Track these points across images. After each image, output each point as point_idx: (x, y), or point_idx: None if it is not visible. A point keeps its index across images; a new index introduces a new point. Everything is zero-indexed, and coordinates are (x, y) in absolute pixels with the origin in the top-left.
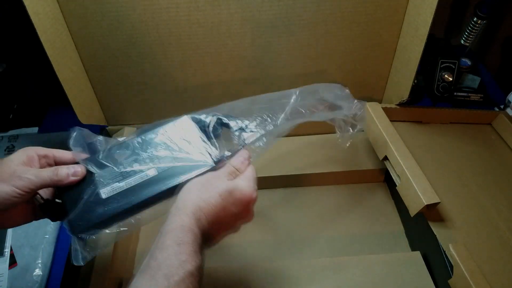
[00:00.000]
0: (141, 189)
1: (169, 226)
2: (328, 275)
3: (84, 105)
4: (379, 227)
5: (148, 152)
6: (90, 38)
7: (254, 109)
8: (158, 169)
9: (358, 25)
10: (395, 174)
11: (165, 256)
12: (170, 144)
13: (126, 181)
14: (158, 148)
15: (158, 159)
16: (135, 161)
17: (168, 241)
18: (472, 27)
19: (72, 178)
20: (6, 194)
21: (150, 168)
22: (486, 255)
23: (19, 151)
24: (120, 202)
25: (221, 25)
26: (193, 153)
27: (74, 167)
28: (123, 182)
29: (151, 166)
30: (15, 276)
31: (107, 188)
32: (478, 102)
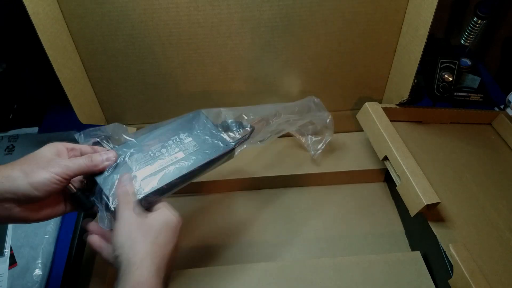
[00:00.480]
0: (173, 168)
1: (127, 285)
2: (328, 275)
3: (84, 105)
4: (379, 227)
5: (172, 140)
6: (90, 38)
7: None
8: (185, 151)
9: (358, 25)
10: (395, 174)
11: None
12: (191, 131)
13: (158, 163)
14: (181, 135)
15: (183, 144)
16: (162, 147)
17: None
18: (472, 27)
19: (106, 163)
20: (47, 180)
21: (178, 152)
22: (486, 255)
23: (48, 145)
24: (154, 181)
25: (221, 25)
26: (213, 138)
27: (106, 153)
28: (155, 164)
29: (177, 150)
30: (15, 276)
31: (140, 170)
32: (478, 102)
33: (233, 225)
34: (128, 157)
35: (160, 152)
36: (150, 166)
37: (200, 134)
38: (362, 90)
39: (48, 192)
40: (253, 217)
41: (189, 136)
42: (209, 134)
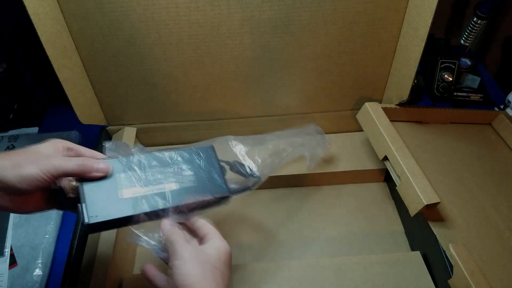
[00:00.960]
0: (159, 199)
1: None
2: (328, 275)
3: (84, 105)
4: (379, 227)
5: (173, 168)
6: (90, 38)
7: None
8: (178, 184)
9: (358, 25)
10: (395, 174)
11: None
12: (194, 165)
13: (146, 188)
14: (183, 166)
15: (181, 176)
16: (159, 173)
17: None
18: (472, 27)
19: (96, 174)
20: (31, 176)
21: (172, 182)
22: (486, 255)
23: (47, 141)
24: (135, 207)
25: (221, 25)
26: (213, 181)
27: (100, 162)
28: (144, 188)
29: (173, 180)
30: (15, 276)
31: (126, 189)
32: (478, 102)
33: (232, 226)
34: (122, 172)
35: (155, 177)
36: (138, 188)
37: (203, 171)
38: (362, 90)
39: (32, 187)
40: (252, 217)
41: (191, 170)
42: (211, 174)
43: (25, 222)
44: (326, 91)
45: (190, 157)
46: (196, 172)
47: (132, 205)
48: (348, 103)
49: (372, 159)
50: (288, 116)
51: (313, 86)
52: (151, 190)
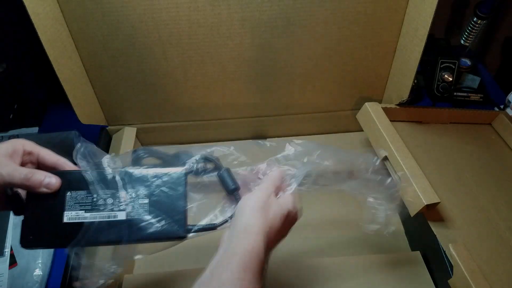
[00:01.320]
0: (102, 229)
1: (237, 249)
2: (328, 275)
3: (84, 105)
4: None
5: (128, 192)
6: (90, 38)
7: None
8: (128, 214)
9: (358, 25)
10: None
11: (228, 278)
12: (154, 192)
13: (92, 214)
14: (139, 192)
15: (134, 204)
16: (111, 197)
17: (233, 263)
18: (472, 27)
19: (43, 190)
20: None
21: (122, 211)
22: (486, 255)
23: (8, 142)
24: (76, 234)
25: (221, 25)
26: (172, 212)
27: (50, 177)
28: (89, 214)
29: (123, 207)
30: (15, 276)
31: (72, 212)
32: (478, 102)
33: None
34: (73, 189)
35: (104, 201)
36: (82, 212)
37: (162, 200)
38: (362, 90)
39: None
40: None
41: (147, 198)
42: (171, 206)
43: None
44: (326, 91)
45: (157, 179)
46: (153, 202)
47: (70, 234)
48: (348, 103)
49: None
50: (288, 116)
51: (313, 86)
52: (96, 216)
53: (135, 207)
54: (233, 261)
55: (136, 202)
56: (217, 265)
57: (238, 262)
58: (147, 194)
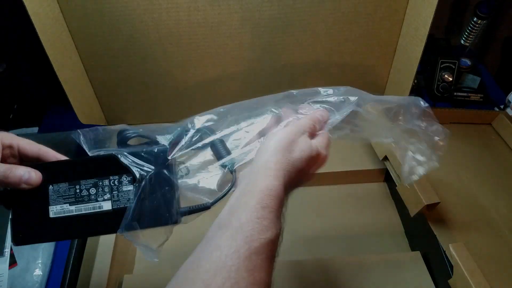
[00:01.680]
0: (89, 221)
1: (256, 187)
2: (329, 275)
3: (84, 105)
4: (379, 227)
5: (111, 179)
6: (90, 38)
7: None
8: (114, 203)
9: (358, 25)
10: (395, 174)
11: (248, 218)
12: (139, 177)
13: (77, 206)
14: (123, 178)
15: (118, 192)
16: (94, 186)
17: (252, 202)
18: (472, 27)
19: (24, 186)
20: None
21: (106, 200)
22: (486, 255)
23: None
24: (63, 228)
25: (221, 25)
26: (159, 200)
27: (30, 172)
28: (74, 206)
29: (108, 196)
30: (15, 276)
31: (57, 207)
32: (478, 102)
33: None
34: (54, 183)
35: (88, 192)
36: (67, 205)
37: (148, 184)
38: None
39: None
40: None
41: (130, 184)
42: (159, 190)
43: None
44: None
45: (138, 162)
46: (139, 187)
47: (59, 229)
48: None
49: (372, 159)
50: None
51: (313, 86)
52: (81, 209)
53: (120, 195)
54: (253, 200)
55: (121, 189)
56: (235, 203)
57: (257, 201)
58: (130, 180)
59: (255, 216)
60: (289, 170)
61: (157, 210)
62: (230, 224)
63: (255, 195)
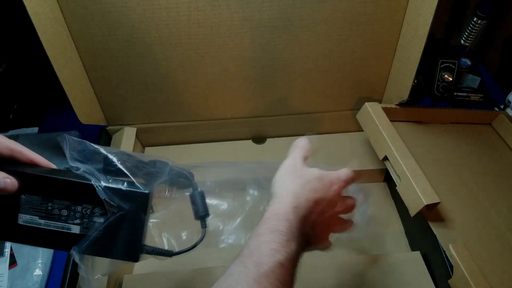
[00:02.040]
0: (56, 236)
1: (265, 215)
2: (328, 275)
3: (84, 105)
4: (379, 227)
5: (84, 208)
6: (90, 38)
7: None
8: (81, 230)
9: (358, 25)
10: (395, 174)
11: (256, 244)
12: (111, 212)
13: (47, 222)
14: (96, 210)
15: (87, 220)
16: (66, 208)
17: (261, 229)
18: (472, 27)
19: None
20: None
21: (75, 225)
22: (486, 255)
23: None
24: (30, 235)
25: (221, 25)
26: (126, 238)
27: (6, 180)
28: (43, 221)
29: (78, 221)
30: (15, 276)
31: (27, 216)
32: (478, 102)
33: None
34: (29, 193)
35: (59, 212)
36: (37, 218)
37: (119, 221)
38: (362, 90)
39: None
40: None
41: (102, 217)
42: (128, 228)
43: None
44: (326, 91)
45: (114, 198)
46: (109, 222)
47: (25, 235)
48: (348, 103)
49: (372, 159)
50: (288, 116)
51: (313, 86)
52: (50, 225)
53: (90, 224)
54: (261, 227)
55: (91, 219)
56: (250, 236)
57: (265, 226)
58: (102, 214)
59: (263, 241)
60: (297, 191)
61: (119, 244)
62: (242, 253)
63: (263, 222)
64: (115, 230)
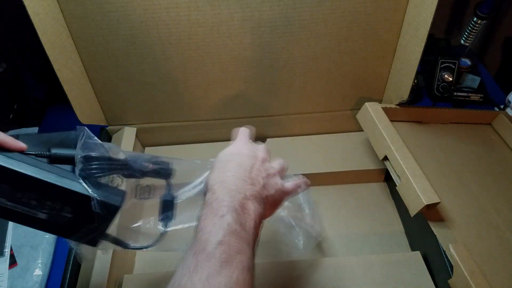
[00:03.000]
0: (23, 216)
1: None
2: (328, 275)
3: (84, 105)
4: (379, 227)
5: (54, 203)
6: (90, 38)
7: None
8: (48, 217)
9: (358, 25)
10: (395, 174)
11: (194, 236)
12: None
13: (14, 205)
14: (65, 207)
15: (56, 213)
16: (36, 200)
17: (197, 222)
18: (472, 27)
19: None
20: None
21: (43, 214)
22: (486, 255)
23: None
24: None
25: (221, 25)
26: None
27: None
28: (11, 203)
29: (45, 212)
30: (15, 276)
31: None
32: (478, 102)
33: None
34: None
35: (28, 200)
36: (4, 200)
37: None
38: (362, 90)
39: None
40: None
41: (71, 214)
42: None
43: None
44: (326, 91)
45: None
46: (76, 217)
47: None
48: (348, 103)
49: (372, 159)
50: (288, 116)
51: (313, 86)
52: (17, 207)
53: (58, 216)
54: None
55: (60, 213)
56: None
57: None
58: (72, 211)
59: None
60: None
61: (82, 233)
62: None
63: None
64: (82, 222)
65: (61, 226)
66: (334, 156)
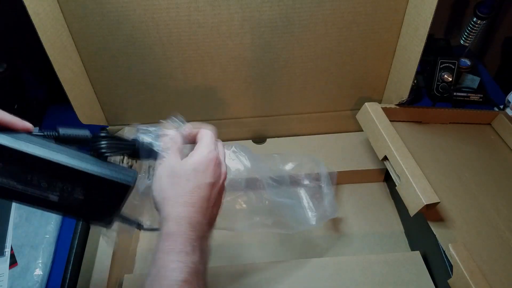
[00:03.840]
0: (33, 198)
1: (161, 236)
2: (328, 275)
3: (84, 105)
4: (378, 227)
5: (65, 186)
6: (90, 38)
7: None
8: (60, 200)
9: (358, 25)
10: (395, 174)
11: (157, 269)
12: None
13: (24, 188)
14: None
15: (68, 195)
16: (47, 182)
17: (159, 252)
18: (472, 27)
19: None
20: None
21: (54, 196)
22: (486, 255)
23: None
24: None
25: (221, 25)
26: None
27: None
28: (21, 186)
29: (56, 195)
30: (16, 276)
31: (3, 180)
32: (478, 102)
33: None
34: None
35: (38, 182)
36: (14, 183)
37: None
38: (362, 90)
39: None
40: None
41: (82, 195)
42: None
43: (25, 222)
44: (326, 91)
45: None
46: (88, 199)
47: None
48: (348, 103)
49: (372, 159)
50: (288, 116)
51: (313, 86)
52: (28, 190)
53: (70, 198)
54: (158, 252)
55: (71, 195)
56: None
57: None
58: (84, 192)
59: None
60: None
61: (95, 213)
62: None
63: (160, 243)
64: (93, 206)
65: (73, 208)
66: (334, 156)
